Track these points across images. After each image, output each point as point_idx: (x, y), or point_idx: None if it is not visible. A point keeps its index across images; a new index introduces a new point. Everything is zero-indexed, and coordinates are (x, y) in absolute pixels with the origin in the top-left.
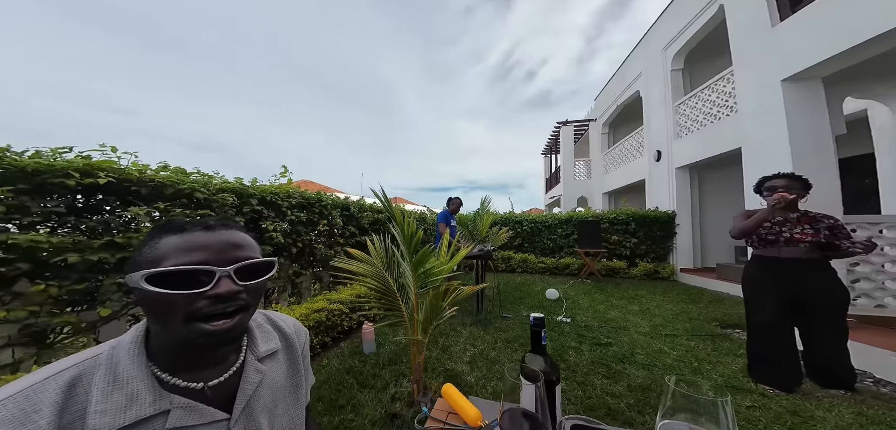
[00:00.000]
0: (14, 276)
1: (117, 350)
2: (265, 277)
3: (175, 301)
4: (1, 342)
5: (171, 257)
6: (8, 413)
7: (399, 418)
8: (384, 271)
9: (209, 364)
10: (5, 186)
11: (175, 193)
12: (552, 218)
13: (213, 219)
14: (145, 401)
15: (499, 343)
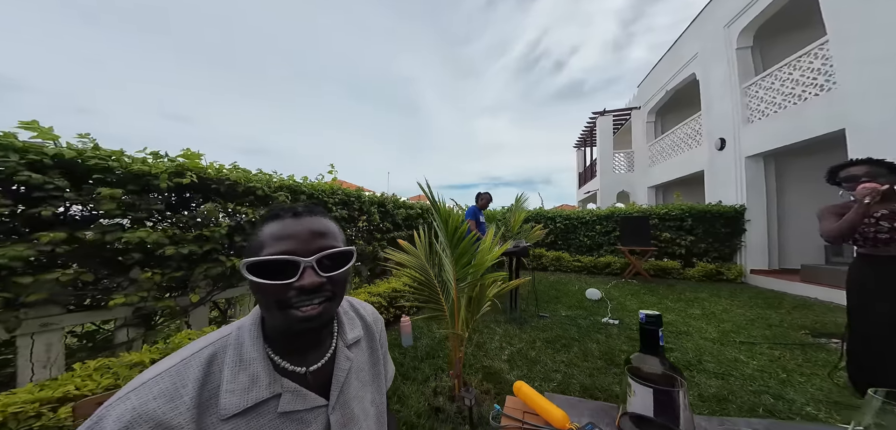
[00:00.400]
0: (129, 265)
1: (242, 331)
2: (345, 267)
3: (268, 290)
4: (119, 323)
5: (268, 246)
6: (162, 388)
7: (443, 412)
8: (427, 264)
9: (310, 348)
10: (120, 187)
11: (244, 191)
12: (589, 214)
13: (301, 206)
14: (263, 383)
15: (538, 343)
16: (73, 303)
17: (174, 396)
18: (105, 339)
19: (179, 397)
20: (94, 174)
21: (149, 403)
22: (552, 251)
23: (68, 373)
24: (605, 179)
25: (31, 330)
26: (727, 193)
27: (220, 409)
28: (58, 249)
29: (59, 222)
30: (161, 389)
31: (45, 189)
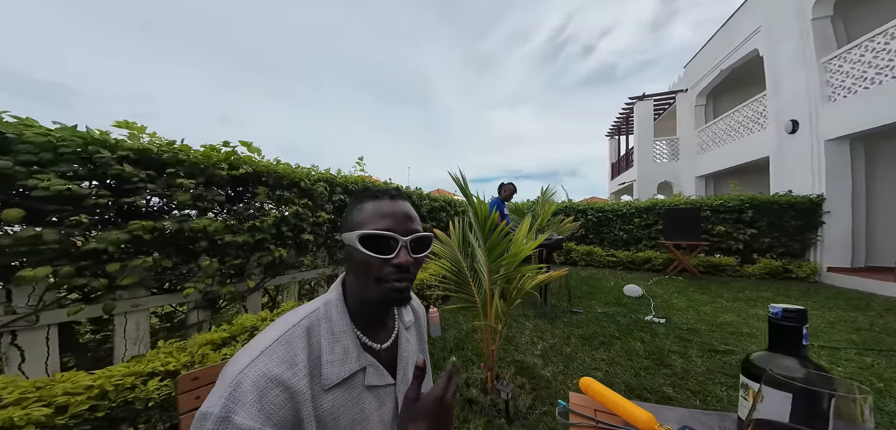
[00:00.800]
0: (198, 252)
1: (329, 307)
2: (427, 251)
3: (370, 263)
4: (191, 306)
5: (371, 221)
6: (280, 355)
7: (476, 403)
8: (460, 255)
9: (380, 327)
10: (190, 179)
11: (289, 183)
12: (626, 206)
13: (393, 189)
14: (353, 356)
15: (573, 339)
16: (155, 286)
17: (291, 363)
18: (180, 320)
19: (295, 364)
20: (167, 168)
21: (274, 368)
22: (583, 245)
23: (154, 351)
24: (643, 168)
25: (123, 310)
26: (800, 182)
27: (324, 379)
28: (144, 236)
29: (142, 213)
30: (280, 356)
31: (132, 181)
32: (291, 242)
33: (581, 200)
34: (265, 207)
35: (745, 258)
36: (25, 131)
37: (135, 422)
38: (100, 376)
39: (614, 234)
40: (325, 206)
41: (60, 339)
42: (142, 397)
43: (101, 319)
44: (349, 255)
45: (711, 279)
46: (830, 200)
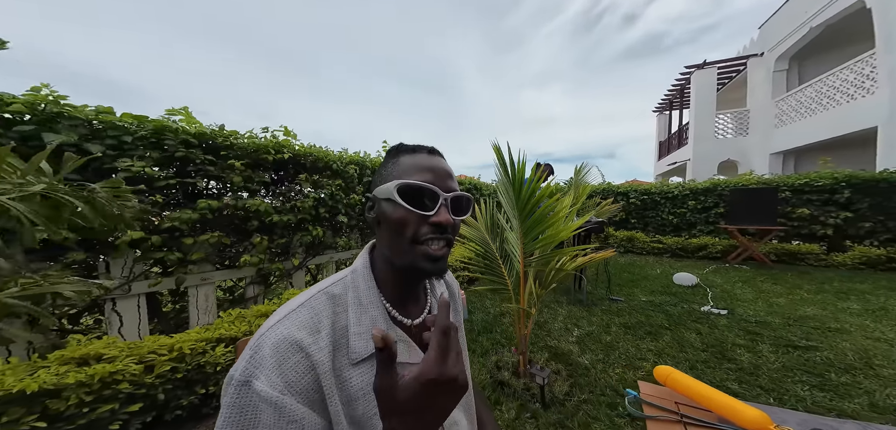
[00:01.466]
0: (250, 231)
1: (356, 276)
2: (466, 214)
3: (408, 220)
4: (247, 281)
5: (409, 174)
6: (303, 319)
7: (509, 387)
8: (488, 236)
9: (411, 301)
10: (241, 161)
11: (324, 166)
12: (678, 188)
13: (429, 146)
14: (382, 327)
15: (614, 327)
16: (218, 262)
17: (314, 329)
18: (240, 294)
19: (318, 331)
20: (221, 151)
21: (295, 332)
22: (622, 231)
23: (219, 319)
24: (701, 146)
25: (194, 283)
26: None
27: (351, 352)
28: (208, 215)
29: (203, 194)
30: (302, 320)
31: (196, 164)
32: (328, 222)
33: (621, 183)
34: (304, 189)
35: (834, 246)
36: (107, 119)
37: (206, 384)
38: (177, 339)
39: (662, 218)
40: (357, 188)
41: (148, 308)
42: (211, 361)
43: (178, 290)
44: (382, 214)
45: (786, 269)
46: None
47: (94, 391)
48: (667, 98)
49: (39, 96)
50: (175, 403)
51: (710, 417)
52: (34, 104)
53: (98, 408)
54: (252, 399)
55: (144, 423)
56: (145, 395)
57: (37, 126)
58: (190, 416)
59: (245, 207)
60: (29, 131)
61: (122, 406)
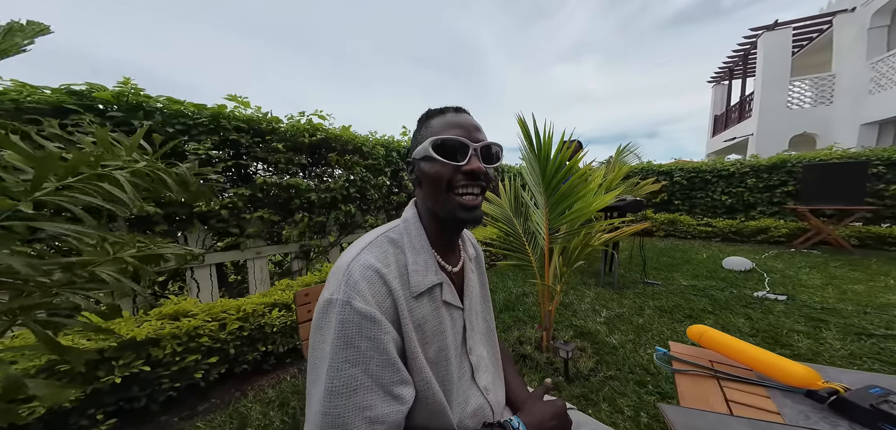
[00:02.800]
0: (293, 210)
1: (408, 224)
2: (497, 162)
3: (443, 172)
4: (292, 256)
5: (440, 132)
6: (376, 254)
7: (531, 359)
8: (512, 214)
9: (452, 250)
10: (281, 144)
11: (353, 148)
12: (735, 165)
13: (455, 106)
14: (432, 269)
15: (647, 310)
16: (268, 238)
17: (386, 262)
18: (287, 268)
19: (389, 265)
20: (266, 135)
21: (373, 262)
22: (663, 213)
23: (272, 288)
24: (768, 118)
25: (251, 256)
26: None
27: (412, 286)
28: (259, 195)
29: (252, 175)
30: (376, 254)
31: (246, 147)
32: (358, 201)
33: (665, 163)
34: (335, 171)
35: None
36: (175, 107)
37: (266, 343)
38: (241, 302)
39: (713, 199)
40: (384, 169)
41: (218, 277)
42: (269, 322)
43: (238, 263)
44: (421, 173)
45: (871, 254)
46: None
47: (183, 342)
48: (726, 66)
49: (125, 89)
50: (242, 358)
51: (750, 375)
52: (120, 95)
53: (186, 358)
54: (354, 316)
55: (220, 374)
56: (220, 349)
57: (125, 113)
58: (253, 371)
59: (288, 186)
60: (120, 118)
61: (204, 358)
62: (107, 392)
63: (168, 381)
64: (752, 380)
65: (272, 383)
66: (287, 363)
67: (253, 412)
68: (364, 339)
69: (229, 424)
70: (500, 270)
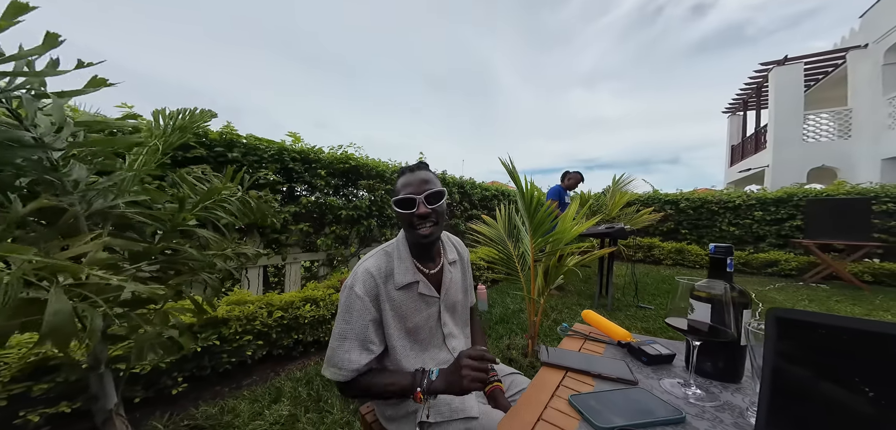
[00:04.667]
0: (325, 223)
1: (398, 242)
2: (441, 202)
3: (403, 217)
4: (319, 263)
5: (400, 190)
6: (372, 262)
7: (516, 362)
8: (505, 236)
9: (428, 259)
10: (323, 170)
11: (375, 174)
12: (740, 196)
13: (415, 164)
14: (411, 271)
15: (635, 330)
16: (303, 247)
17: (378, 268)
18: (314, 273)
19: (380, 268)
20: (313, 164)
21: (371, 267)
22: (671, 242)
23: (304, 288)
24: (783, 151)
25: (289, 261)
26: None
27: (396, 281)
28: (301, 211)
29: (297, 195)
30: (373, 263)
31: (297, 173)
32: (377, 218)
33: (681, 191)
34: (360, 192)
35: None
36: (253, 142)
37: (299, 332)
38: (283, 296)
39: (720, 230)
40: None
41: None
42: (302, 314)
43: (278, 267)
44: (396, 214)
45: (882, 290)
46: None
47: (244, 324)
48: (740, 97)
49: (225, 131)
50: (280, 343)
51: (602, 336)
52: (221, 134)
53: (244, 337)
54: (352, 297)
55: (263, 355)
56: (266, 334)
57: (224, 148)
58: (285, 356)
59: (323, 204)
60: (220, 152)
61: (255, 339)
62: (189, 359)
63: (227, 356)
64: (598, 338)
65: (299, 367)
66: (312, 352)
67: (286, 386)
68: (354, 311)
69: (268, 395)
70: (500, 288)
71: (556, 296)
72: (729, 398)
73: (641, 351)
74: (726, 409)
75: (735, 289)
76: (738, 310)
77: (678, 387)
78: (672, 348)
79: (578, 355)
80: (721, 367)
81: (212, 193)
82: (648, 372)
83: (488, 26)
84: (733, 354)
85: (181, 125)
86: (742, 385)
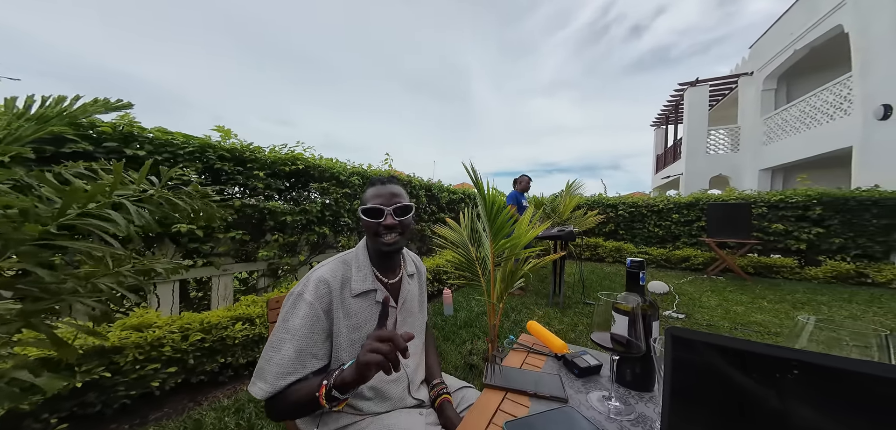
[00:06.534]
0: (266, 230)
1: (357, 251)
2: (408, 215)
3: (370, 226)
4: (259, 274)
5: (369, 200)
6: (330, 268)
7: (476, 368)
8: (468, 241)
9: (389, 269)
10: (262, 171)
11: (330, 176)
12: (663, 201)
13: (385, 177)
14: (369, 280)
15: (580, 326)
16: (237, 257)
17: (333, 275)
18: (252, 285)
19: (335, 276)
20: (248, 164)
21: (326, 274)
22: (612, 241)
23: (237, 303)
24: (693, 161)
25: (217, 273)
26: (889, 175)
27: (352, 289)
28: (232, 216)
29: (230, 197)
30: (329, 269)
31: (227, 174)
32: (331, 224)
33: (617, 195)
34: (312, 195)
35: (809, 260)
36: (165, 136)
37: (225, 355)
38: (205, 315)
39: (648, 230)
40: (359, 196)
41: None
42: (231, 335)
43: (201, 280)
44: (361, 223)
45: (760, 281)
46: None
47: (145, 351)
48: (663, 113)
49: (120, 121)
50: (200, 368)
51: (544, 349)
52: (115, 126)
53: (146, 367)
54: (300, 303)
55: (176, 384)
56: (180, 359)
57: (118, 142)
58: (209, 382)
59: (264, 209)
60: (113, 146)
61: (163, 367)
62: (64, 397)
63: (124, 389)
64: (539, 351)
65: (228, 393)
66: (245, 376)
67: (207, 417)
68: (299, 318)
69: (183, 429)
70: (465, 292)
71: (518, 295)
72: (643, 409)
73: (574, 364)
74: (639, 422)
75: (646, 300)
76: (648, 322)
77: (602, 401)
78: (599, 358)
79: (518, 374)
80: (637, 375)
81: (95, 192)
82: (579, 386)
83: (462, 33)
84: (646, 364)
85: (40, 115)
86: (655, 394)
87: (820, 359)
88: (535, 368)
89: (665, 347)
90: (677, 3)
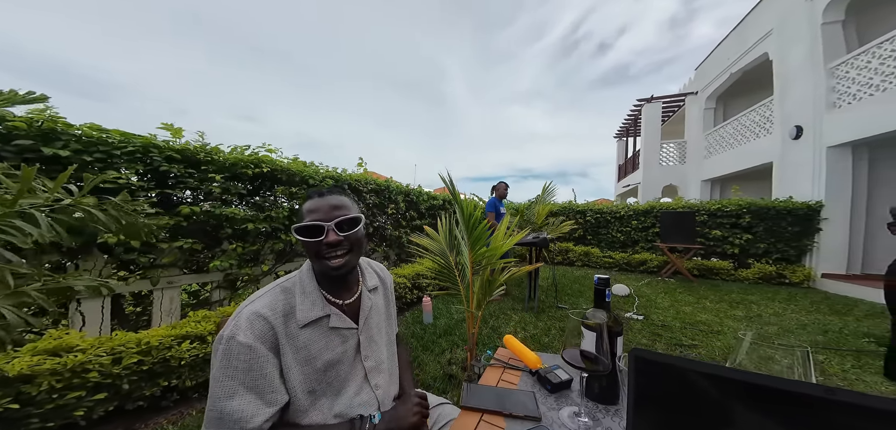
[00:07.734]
0: (222, 238)
1: (302, 274)
2: (356, 229)
3: (309, 246)
4: (214, 285)
5: (306, 217)
6: (266, 301)
7: (455, 378)
8: (447, 248)
9: (343, 289)
10: (219, 174)
11: (300, 180)
12: (624, 208)
13: (325, 188)
14: (319, 306)
15: (553, 331)
16: (186, 267)
17: (272, 308)
18: (205, 298)
19: (275, 309)
20: (202, 165)
21: (261, 309)
22: (581, 246)
23: (185, 319)
24: (649, 172)
25: (161, 286)
26: (801, 188)
27: (298, 319)
28: (182, 223)
29: (179, 202)
30: (265, 302)
31: (176, 177)
32: None
33: (585, 202)
34: (279, 200)
35: (741, 263)
36: (95, 134)
37: (169, 377)
38: (144, 335)
39: (612, 236)
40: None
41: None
42: (176, 355)
43: (141, 293)
44: (300, 243)
45: (704, 282)
46: (829, 206)
47: (65, 379)
48: (625, 125)
49: (37, 115)
50: (138, 393)
51: (518, 363)
52: (31, 121)
53: (66, 395)
54: (235, 347)
55: (107, 411)
56: (111, 385)
57: (34, 140)
58: (150, 407)
59: (219, 215)
60: (27, 145)
61: (89, 395)
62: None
63: (39, 421)
64: (515, 366)
65: (173, 419)
66: (193, 398)
67: None
68: (240, 364)
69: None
70: (445, 298)
71: (498, 301)
72: (609, 423)
73: (546, 379)
74: None
75: (611, 315)
76: (613, 338)
77: (572, 418)
78: (570, 372)
79: (493, 393)
80: (604, 389)
81: None
82: (551, 402)
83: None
84: (611, 379)
85: None
86: (620, 407)
87: (758, 379)
88: (511, 384)
89: (629, 367)
90: (637, 24)
